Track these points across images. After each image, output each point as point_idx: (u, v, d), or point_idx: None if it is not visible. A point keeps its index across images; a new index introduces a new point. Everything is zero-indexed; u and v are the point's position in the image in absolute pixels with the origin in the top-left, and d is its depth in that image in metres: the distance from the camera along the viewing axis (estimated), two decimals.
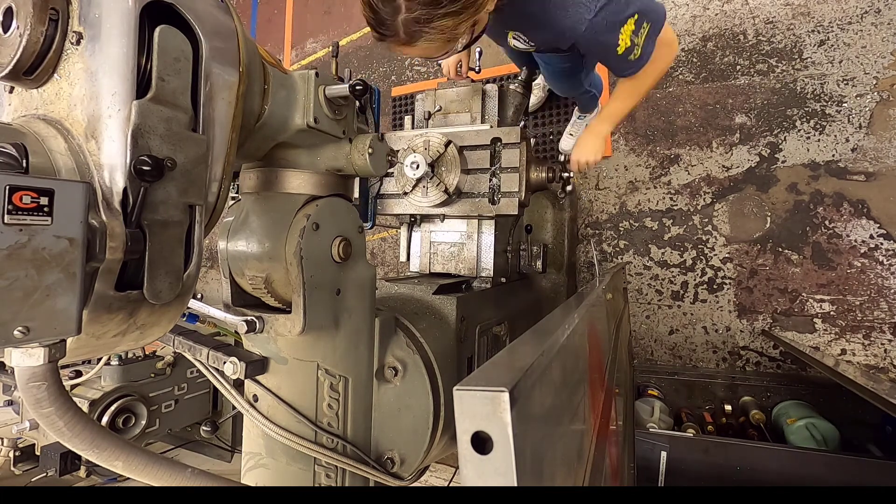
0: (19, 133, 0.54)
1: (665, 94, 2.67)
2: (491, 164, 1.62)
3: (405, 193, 1.67)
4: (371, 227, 1.85)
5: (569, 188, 1.76)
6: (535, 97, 2.77)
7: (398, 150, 1.70)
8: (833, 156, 2.31)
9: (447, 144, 1.62)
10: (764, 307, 2.41)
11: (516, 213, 1.58)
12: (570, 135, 2.71)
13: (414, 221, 1.78)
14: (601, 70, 2.79)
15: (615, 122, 1.71)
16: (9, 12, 0.56)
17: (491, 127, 1.70)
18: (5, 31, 0.56)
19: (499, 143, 1.62)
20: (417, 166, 1.58)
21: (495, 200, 1.61)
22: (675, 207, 2.62)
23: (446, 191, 1.60)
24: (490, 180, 1.62)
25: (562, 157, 1.72)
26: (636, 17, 1.26)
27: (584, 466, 0.61)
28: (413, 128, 1.90)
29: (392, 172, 1.69)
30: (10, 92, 0.63)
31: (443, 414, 1.06)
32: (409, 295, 1.32)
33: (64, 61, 0.57)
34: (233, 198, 0.98)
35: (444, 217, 1.72)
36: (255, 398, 0.97)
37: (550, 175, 1.67)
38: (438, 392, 1.07)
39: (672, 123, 2.65)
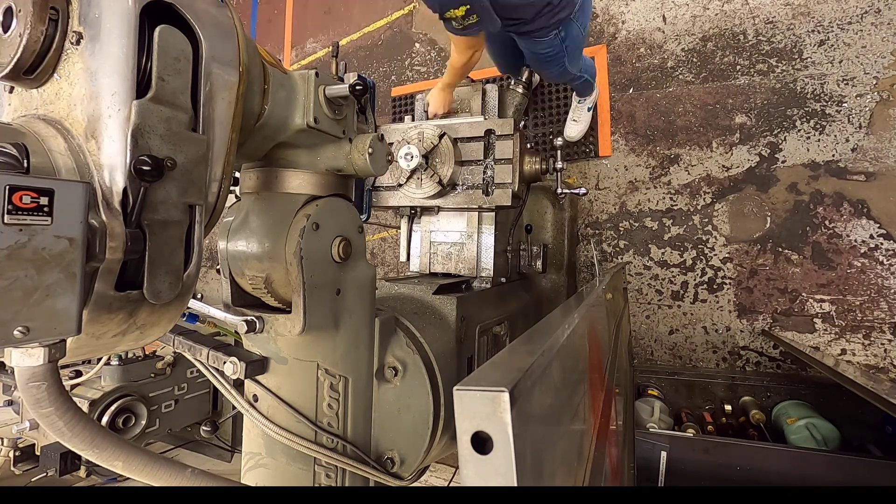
0: (19, 133, 0.54)
1: (665, 93, 2.68)
2: (485, 155, 1.63)
3: (399, 185, 1.68)
4: (366, 220, 1.86)
5: (562, 192, 1.77)
6: (580, 127, 2.77)
7: (392, 143, 1.71)
8: (833, 156, 2.31)
9: (441, 136, 1.63)
10: (764, 307, 2.41)
11: (509, 203, 1.59)
12: (574, 120, 2.74)
13: (414, 214, 1.78)
14: (599, 64, 2.80)
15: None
16: (9, 12, 0.56)
17: (485, 119, 1.70)
18: (5, 31, 0.56)
19: (492, 135, 1.62)
20: (411, 157, 1.58)
21: (489, 192, 1.61)
22: (675, 207, 2.62)
23: (440, 182, 1.61)
24: (484, 172, 1.63)
25: (559, 141, 1.76)
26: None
27: (584, 466, 0.61)
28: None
29: None
30: (10, 92, 0.63)
31: (443, 414, 1.06)
32: (409, 295, 1.32)
33: (64, 61, 0.57)
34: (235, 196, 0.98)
35: (438, 209, 1.73)
36: (255, 398, 0.97)
37: (544, 166, 1.67)
38: (438, 392, 1.07)
39: (672, 123, 2.65)
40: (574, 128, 2.74)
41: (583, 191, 1.82)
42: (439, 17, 1.55)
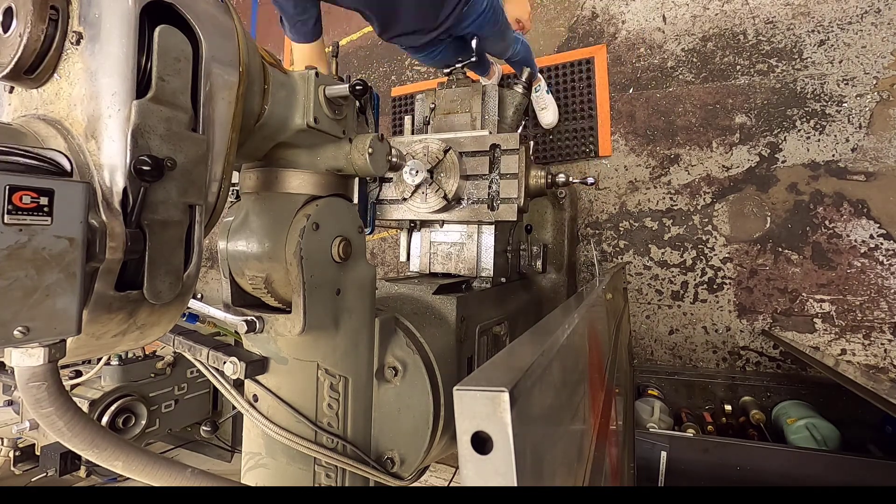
0: (19, 133, 0.54)
1: (665, 93, 2.68)
2: (490, 170, 1.62)
3: (404, 199, 1.67)
4: (371, 233, 1.85)
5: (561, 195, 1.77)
6: (550, 112, 2.82)
7: None
8: (833, 156, 2.31)
9: (446, 151, 1.62)
10: (764, 307, 2.41)
11: (515, 219, 1.58)
12: (542, 108, 2.79)
13: (413, 227, 1.78)
14: (599, 64, 2.79)
15: None
16: (9, 12, 0.56)
17: (490, 133, 1.70)
18: (5, 31, 0.56)
19: (498, 150, 1.62)
20: (416, 172, 1.58)
21: (494, 206, 1.60)
22: (675, 207, 2.62)
23: (445, 197, 1.60)
24: (489, 186, 1.62)
25: (561, 178, 1.70)
26: None
27: (584, 466, 0.61)
28: (413, 128, 1.89)
29: (391, 177, 1.69)
30: (10, 92, 0.63)
31: (443, 414, 1.06)
32: (409, 295, 1.32)
33: (64, 61, 0.57)
34: (233, 193, 0.98)
35: (443, 223, 1.72)
36: (255, 398, 0.97)
37: (550, 180, 1.66)
38: (438, 392, 1.07)
39: (672, 123, 2.65)
40: (547, 115, 2.81)
41: (591, 180, 1.75)
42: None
